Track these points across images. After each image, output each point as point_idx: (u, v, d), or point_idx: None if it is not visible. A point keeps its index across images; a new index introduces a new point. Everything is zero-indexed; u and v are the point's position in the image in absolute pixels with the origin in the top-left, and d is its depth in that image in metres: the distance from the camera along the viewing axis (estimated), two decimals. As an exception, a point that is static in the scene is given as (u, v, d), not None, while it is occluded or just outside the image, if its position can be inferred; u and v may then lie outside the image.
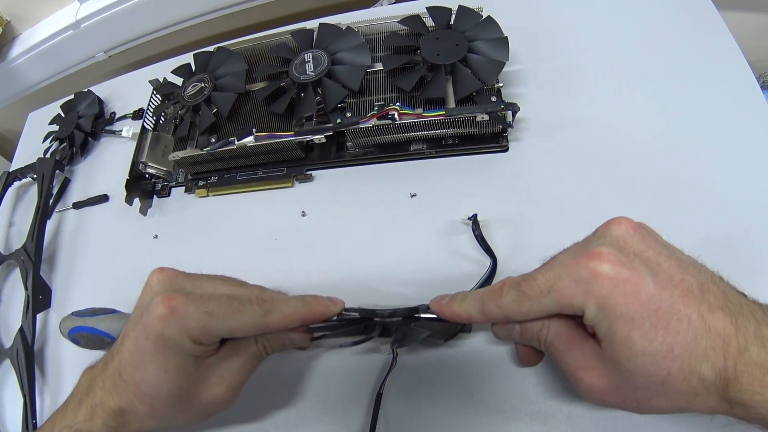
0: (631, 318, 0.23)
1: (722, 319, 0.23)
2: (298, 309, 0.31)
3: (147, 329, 0.28)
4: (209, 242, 0.49)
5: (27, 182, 0.64)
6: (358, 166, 0.47)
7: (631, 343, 0.23)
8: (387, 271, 0.42)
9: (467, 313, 0.30)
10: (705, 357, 0.23)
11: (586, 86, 0.47)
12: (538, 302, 0.26)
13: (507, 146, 0.45)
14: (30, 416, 0.44)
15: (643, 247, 0.25)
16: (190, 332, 0.28)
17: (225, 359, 0.31)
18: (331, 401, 0.38)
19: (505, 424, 0.34)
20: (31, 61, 0.77)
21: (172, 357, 0.28)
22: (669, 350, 0.23)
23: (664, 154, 0.42)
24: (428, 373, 0.37)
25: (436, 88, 0.43)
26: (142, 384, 0.29)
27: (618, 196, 0.41)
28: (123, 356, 0.29)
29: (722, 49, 0.46)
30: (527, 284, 0.27)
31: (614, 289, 0.24)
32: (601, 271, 0.24)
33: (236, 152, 0.47)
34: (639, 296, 0.24)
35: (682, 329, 0.23)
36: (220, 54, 0.51)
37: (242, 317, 0.29)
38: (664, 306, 0.23)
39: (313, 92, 0.45)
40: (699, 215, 0.39)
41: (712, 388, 0.23)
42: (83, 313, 0.43)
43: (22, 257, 0.53)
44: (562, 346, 0.28)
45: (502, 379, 0.36)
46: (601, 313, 0.24)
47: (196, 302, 0.29)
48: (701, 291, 0.24)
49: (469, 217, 0.41)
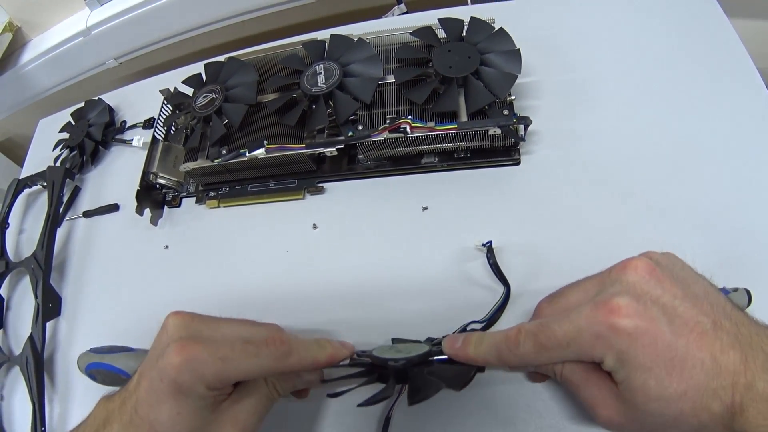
0: (648, 368, 0.25)
1: (733, 357, 0.24)
2: (315, 352, 0.31)
3: (162, 373, 0.28)
4: (220, 253, 0.49)
5: (37, 190, 0.64)
6: (370, 178, 0.47)
7: (647, 389, 0.25)
8: (397, 286, 0.42)
9: (483, 359, 0.30)
10: (715, 396, 0.24)
11: (599, 98, 0.46)
12: (557, 353, 0.28)
13: (519, 159, 0.44)
14: (39, 424, 0.45)
15: (660, 292, 0.26)
16: (204, 379, 0.28)
17: (237, 402, 0.31)
18: (339, 426, 0.37)
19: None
20: (41, 67, 0.78)
21: (185, 401, 0.28)
22: (683, 394, 0.24)
23: (678, 166, 0.41)
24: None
25: (449, 102, 0.42)
26: (156, 423, 0.29)
27: (633, 210, 0.40)
28: (140, 395, 0.30)
29: (732, 57, 0.45)
30: (545, 336, 0.28)
31: (633, 343, 0.25)
32: (620, 327, 0.25)
33: (247, 164, 0.47)
34: (656, 347, 0.25)
35: (695, 374, 0.24)
36: (231, 64, 0.51)
37: (257, 361, 0.30)
38: (680, 354, 0.25)
39: (324, 104, 0.45)
40: (717, 227, 0.38)
41: (719, 421, 0.24)
42: (100, 350, 0.43)
43: (32, 265, 0.54)
44: (579, 382, 0.29)
45: (511, 392, 0.35)
46: (619, 363, 0.26)
47: (210, 349, 0.29)
48: (714, 330, 0.25)
49: (483, 243, 0.40)
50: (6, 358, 0.51)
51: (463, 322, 0.38)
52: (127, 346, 0.43)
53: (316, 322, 0.42)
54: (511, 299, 0.38)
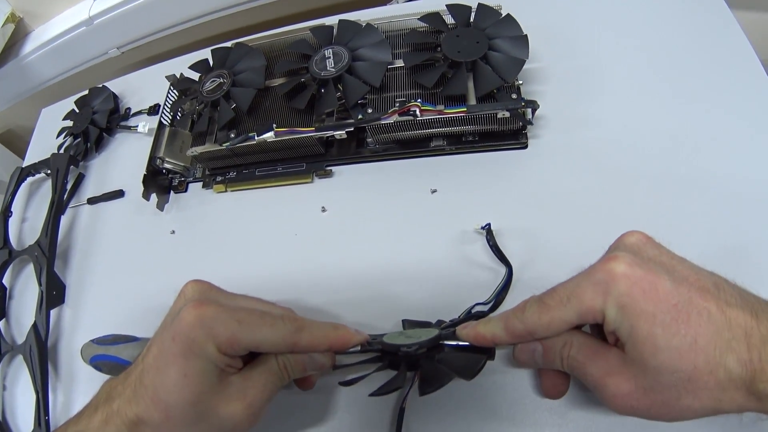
0: (651, 314, 0.24)
1: (742, 313, 0.23)
2: (328, 332, 0.31)
3: (174, 331, 0.28)
4: (227, 237, 0.49)
5: (40, 178, 0.64)
6: (378, 162, 0.47)
7: (654, 338, 0.24)
8: (405, 268, 0.42)
9: (491, 333, 0.30)
10: (729, 348, 0.23)
11: (604, 84, 0.47)
12: (559, 312, 0.27)
13: (526, 143, 0.45)
14: (42, 412, 0.44)
15: (657, 253, 0.27)
16: (217, 338, 0.28)
17: (247, 378, 0.31)
18: (354, 418, 0.37)
19: (525, 419, 0.34)
20: (43, 58, 0.77)
21: (194, 362, 0.28)
22: (692, 342, 0.23)
23: (683, 155, 0.42)
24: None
25: (458, 85, 0.43)
26: (161, 388, 0.28)
27: (637, 197, 0.41)
28: (147, 361, 0.29)
29: (735, 47, 0.46)
30: (548, 296, 0.28)
31: (632, 287, 0.24)
32: (617, 272, 0.25)
33: (255, 148, 0.47)
34: (657, 292, 0.24)
35: (703, 322, 0.23)
36: (239, 49, 0.51)
37: (272, 330, 0.29)
38: (682, 300, 0.24)
39: (334, 88, 0.45)
40: (721, 216, 0.38)
41: (739, 382, 0.23)
42: (104, 341, 0.43)
43: (36, 252, 0.53)
44: (585, 358, 0.28)
45: (521, 375, 0.36)
46: (621, 312, 0.25)
47: (228, 311, 0.29)
48: (717, 289, 0.25)
49: (482, 226, 0.41)
50: (9, 347, 0.51)
51: (470, 304, 0.38)
52: (131, 335, 0.43)
53: (325, 304, 0.42)
54: (516, 281, 0.39)
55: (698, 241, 0.27)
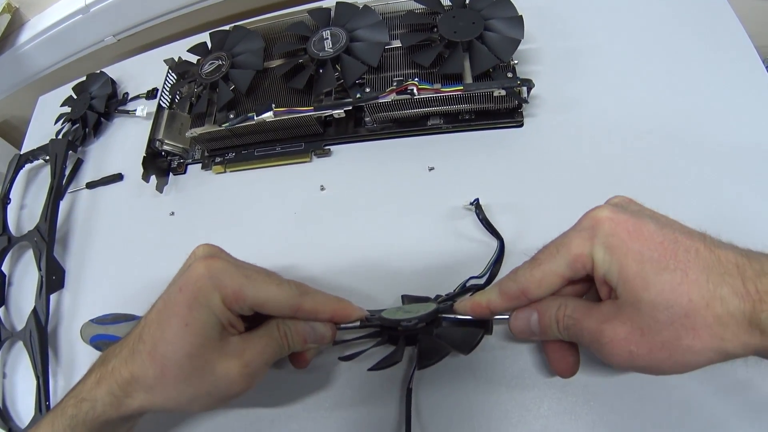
0: (638, 251, 0.24)
1: (731, 253, 0.23)
2: (332, 302, 0.32)
3: (183, 282, 0.29)
4: (227, 218, 0.49)
5: (38, 164, 0.64)
6: (376, 141, 0.48)
7: (643, 274, 0.24)
8: (403, 244, 0.42)
9: (487, 299, 0.30)
10: (722, 281, 0.23)
11: (599, 65, 0.47)
12: (549, 265, 0.27)
13: (522, 122, 0.45)
14: (43, 398, 0.45)
15: (640, 207, 0.27)
16: (223, 290, 0.28)
17: (247, 339, 0.31)
18: (357, 400, 0.37)
19: (525, 391, 0.35)
20: (39, 47, 0.77)
21: (197, 312, 0.28)
22: (683, 275, 0.23)
23: (676, 134, 0.42)
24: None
25: (454, 64, 0.43)
26: (160, 341, 0.28)
27: (630, 171, 0.41)
28: (150, 317, 0.30)
29: (730, 33, 0.46)
30: (538, 253, 0.28)
31: (617, 228, 0.25)
32: (601, 216, 0.26)
33: (255, 128, 0.47)
34: (642, 233, 0.25)
35: (692, 258, 0.23)
36: (238, 32, 0.52)
37: (278, 290, 0.30)
38: (668, 240, 0.24)
39: (332, 68, 0.46)
40: (710, 197, 0.39)
41: (739, 316, 0.22)
42: (103, 320, 0.43)
43: (35, 238, 0.53)
44: (581, 315, 0.27)
45: (521, 349, 0.36)
46: (608, 254, 0.25)
47: (237, 266, 0.30)
48: (702, 235, 0.25)
49: (471, 202, 0.41)
50: (9, 333, 0.51)
51: (465, 278, 0.38)
52: (130, 314, 0.43)
53: (324, 281, 0.42)
54: (510, 254, 0.39)
55: (694, 218, 0.27)
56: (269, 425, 0.38)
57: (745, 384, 0.32)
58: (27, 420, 0.45)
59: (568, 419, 0.33)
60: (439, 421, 0.35)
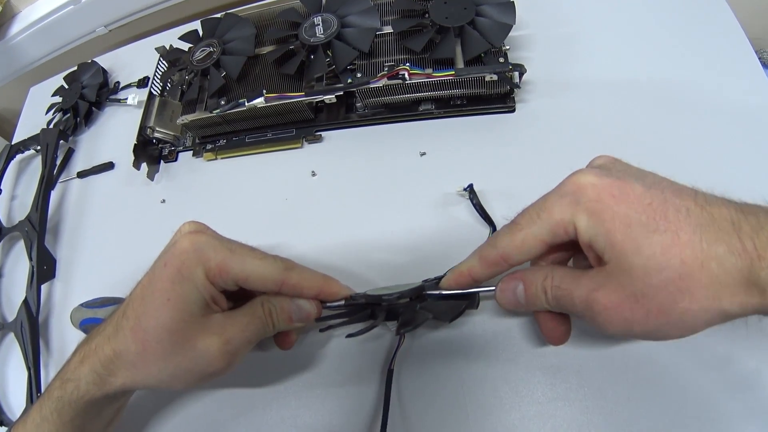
0: (625, 215, 0.23)
1: (725, 209, 0.22)
2: (318, 278, 0.31)
3: (167, 257, 0.29)
4: (218, 204, 0.49)
5: (29, 155, 0.64)
6: (367, 126, 0.48)
7: (632, 237, 0.22)
8: (395, 230, 0.42)
9: (467, 267, 0.29)
10: (717, 240, 0.21)
11: (591, 51, 0.47)
12: (530, 229, 0.26)
13: (514, 107, 0.45)
14: (35, 389, 0.44)
15: (625, 167, 0.26)
16: (207, 263, 0.28)
17: (230, 316, 0.30)
18: (342, 380, 0.37)
19: (518, 378, 0.35)
20: (30, 38, 0.76)
21: (180, 286, 0.28)
22: (674, 236, 0.22)
23: (668, 118, 0.42)
24: (437, 345, 0.37)
25: (446, 49, 0.43)
26: (142, 316, 0.28)
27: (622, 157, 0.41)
28: (134, 293, 0.30)
29: (723, 24, 0.46)
30: (518, 216, 0.27)
31: (601, 193, 0.23)
32: (584, 182, 0.24)
33: (246, 114, 0.47)
34: (628, 196, 0.23)
35: (683, 218, 0.22)
36: (229, 19, 0.51)
37: (263, 264, 0.29)
38: (657, 200, 0.23)
39: (323, 54, 0.45)
40: (707, 177, 0.38)
41: (736, 274, 0.21)
42: (93, 304, 0.43)
43: (26, 228, 0.53)
44: (569, 284, 0.26)
45: (514, 333, 0.36)
46: (593, 220, 0.24)
47: (221, 240, 0.30)
48: (694, 192, 0.23)
49: (464, 188, 0.41)
50: (0, 325, 0.50)
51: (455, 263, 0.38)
52: (120, 297, 0.43)
53: (316, 267, 0.40)
54: None
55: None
56: (249, 406, 0.38)
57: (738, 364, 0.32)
58: (19, 412, 0.45)
59: (562, 405, 0.33)
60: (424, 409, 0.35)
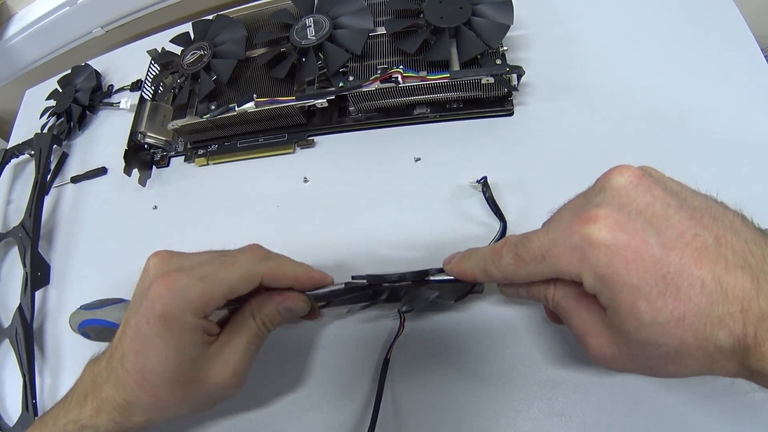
0: (635, 287, 0.21)
1: (741, 279, 0.20)
2: (296, 268, 0.31)
3: (147, 313, 0.27)
4: (210, 211, 0.48)
5: (24, 159, 0.63)
6: (361, 131, 0.47)
7: (637, 313, 0.21)
8: (392, 236, 0.41)
9: (471, 271, 0.29)
10: (721, 324, 0.20)
11: (591, 51, 0.46)
12: (534, 268, 0.25)
13: (512, 110, 0.44)
14: (30, 396, 0.44)
15: (649, 200, 0.23)
16: (190, 304, 0.28)
17: (227, 343, 0.30)
18: (338, 369, 0.37)
19: (514, 391, 0.34)
20: (27, 40, 0.76)
21: (173, 338, 0.27)
22: (680, 319, 0.21)
23: (669, 118, 0.41)
24: (435, 339, 0.36)
25: (441, 51, 0.42)
26: (144, 371, 0.28)
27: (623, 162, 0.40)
28: (125, 346, 0.29)
29: (728, 21, 0.45)
30: (524, 248, 0.25)
31: (613, 258, 0.22)
32: (596, 239, 0.22)
33: (236, 119, 0.46)
34: (643, 262, 0.21)
35: (695, 295, 0.21)
36: (220, 21, 0.50)
37: (236, 269, 0.29)
38: (673, 270, 0.21)
39: (314, 56, 0.44)
40: (708, 177, 0.37)
41: (730, 355, 0.21)
42: (91, 306, 0.42)
43: (20, 234, 0.53)
44: (570, 307, 0.26)
45: (510, 345, 0.35)
46: (600, 282, 0.22)
47: (190, 273, 0.28)
48: (717, 245, 0.21)
49: (478, 180, 0.40)
50: (-6, 332, 0.50)
51: None
52: (117, 298, 0.43)
53: None
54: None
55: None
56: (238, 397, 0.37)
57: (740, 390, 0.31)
58: (15, 418, 0.45)
59: (558, 421, 0.32)
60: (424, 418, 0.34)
